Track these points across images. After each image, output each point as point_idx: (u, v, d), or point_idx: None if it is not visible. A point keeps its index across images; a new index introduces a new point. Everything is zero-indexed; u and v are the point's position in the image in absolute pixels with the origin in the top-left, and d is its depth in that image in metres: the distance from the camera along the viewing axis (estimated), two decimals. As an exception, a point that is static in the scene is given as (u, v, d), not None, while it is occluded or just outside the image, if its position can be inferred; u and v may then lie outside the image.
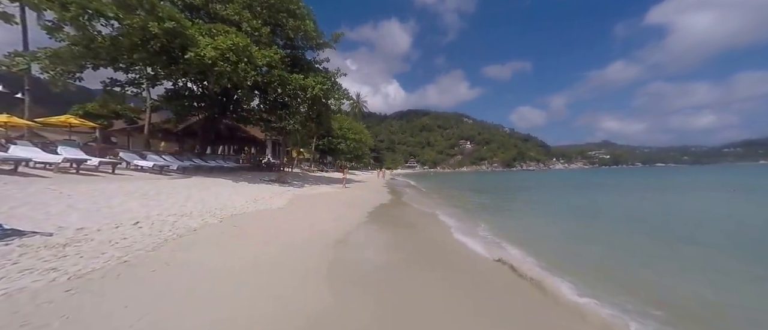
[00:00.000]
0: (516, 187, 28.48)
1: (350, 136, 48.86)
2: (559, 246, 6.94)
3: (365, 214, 8.87)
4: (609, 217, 11.17)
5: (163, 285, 3.03)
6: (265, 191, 11.22)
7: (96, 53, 11.20)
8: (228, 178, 13.38)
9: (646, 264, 5.61)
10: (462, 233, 7.19)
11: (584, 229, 8.86)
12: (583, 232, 8.41)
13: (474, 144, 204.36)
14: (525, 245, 6.26)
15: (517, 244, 6.39)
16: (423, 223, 8.47)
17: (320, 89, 16.90)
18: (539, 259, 5.37)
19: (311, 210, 8.66)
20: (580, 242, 7.37)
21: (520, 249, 6.04)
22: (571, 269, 4.88)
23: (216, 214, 6.46)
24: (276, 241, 5.11)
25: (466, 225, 8.48)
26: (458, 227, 7.96)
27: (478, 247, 6.08)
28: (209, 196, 8.45)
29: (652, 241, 7.44)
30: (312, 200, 10.82)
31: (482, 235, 7.28)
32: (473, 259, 5.34)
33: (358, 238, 5.93)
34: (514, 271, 4.72)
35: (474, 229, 7.99)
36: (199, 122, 18.97)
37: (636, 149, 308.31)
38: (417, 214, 10.09)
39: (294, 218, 7.22)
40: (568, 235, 8.02)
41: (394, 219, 8.74)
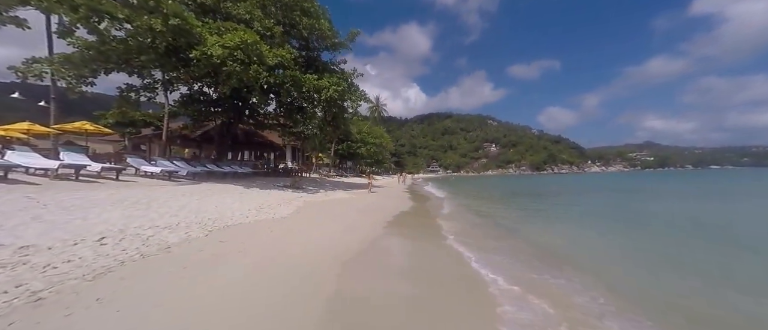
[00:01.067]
0: (553, 192, 26.13)
1: (370, 141, 48.08)
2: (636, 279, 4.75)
3: (382, 224, 7.68)
4: (682, 230, 8.95)
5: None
6: (274, 198, 10.38)
7: (107, 56, 10.98)
8: (239, 185, 12.74)
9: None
10: (502, 255, 5.81)
11: (659, 247, 7.02)
12: (661, 253, 6.50)
13: (499, 147, 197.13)
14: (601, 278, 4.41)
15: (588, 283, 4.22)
16: (454, 236, 7.14)
17: (335, 91, 16.07)
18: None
19: (320, 219, 7.62)
20: (659, 270, 5.33)
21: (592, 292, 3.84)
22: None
23: (206, 226, 5.56)
24: (264, 263, 4.05)
25: (503, 243, 7.06)
26: (495, 247, 6.57)
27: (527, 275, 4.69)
28: (210, 204, 7.65)
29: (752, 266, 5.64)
30: (324, 208, 9.82)
31: (526, 261, 5.84)
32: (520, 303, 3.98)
33: (371, 259, 4.75)
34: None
35: (515, 250, 6.57)
36: (216, 128, 18.76)
37: (685, 150, 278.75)
38: (444, 227, 8.76)
39: (297, 230, 6.18)
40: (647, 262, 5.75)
41: (416, 232, 7.48)
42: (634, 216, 12.05)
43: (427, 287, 3.70)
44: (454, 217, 10.37)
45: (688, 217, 11.51)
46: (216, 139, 18.73)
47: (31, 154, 7.79)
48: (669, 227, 9.32)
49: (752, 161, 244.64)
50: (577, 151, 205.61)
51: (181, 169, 11.85)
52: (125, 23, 10.94)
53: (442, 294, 3.59)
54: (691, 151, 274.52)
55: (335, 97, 16.32)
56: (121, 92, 13.94)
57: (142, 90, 14.06)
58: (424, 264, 4.79)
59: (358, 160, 51.28)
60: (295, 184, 15.70)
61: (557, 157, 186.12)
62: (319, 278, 3.64)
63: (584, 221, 10.64)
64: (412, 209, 11.65)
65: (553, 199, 19.60)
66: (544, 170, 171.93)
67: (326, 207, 10.13)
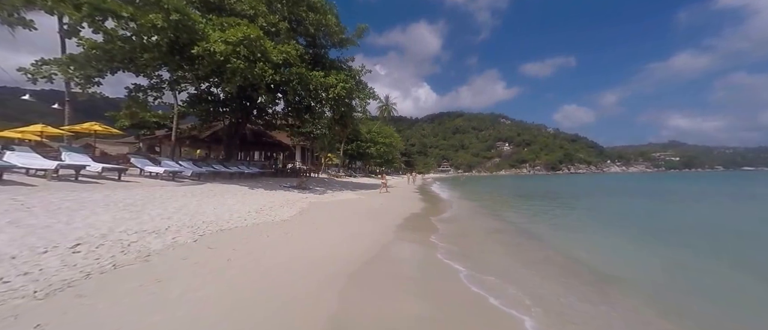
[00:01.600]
0: (574, 194, 24.94)
1: (380, 140, 47.58)
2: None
3: (392, 228, 7.11)
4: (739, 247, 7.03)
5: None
6: (278, 199, 9.98)
7: (111, 55, 10.83)
8: (245, 185, 12.43)
9: None
10: (526, 266, 5.16)
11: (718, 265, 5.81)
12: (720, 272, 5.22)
13: (513, 146, 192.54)
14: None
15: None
16: (470, 246, 6.51)
17: (343, 88, 15.62)
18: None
19: (323, 223, 7.11)
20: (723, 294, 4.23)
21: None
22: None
23: (198, 230, 5.14)
24: (251, 277, 3.56)
25: (526, 252, 6.38)
26: (516, 256, 5.91)
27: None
28: (209, 205, 7.28)
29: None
30: (329, 209, 9.33)
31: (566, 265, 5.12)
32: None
33: (379, 271, 4.19)
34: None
35: (538, 252, 5.89)
36: (224, 128, 18.64)
37: (714, 150, 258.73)
38: (459, 232, 8.12)
39: (296, 235, 5.69)
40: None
41: (428, 237, 6.88)
42: (676, 225, 10.15)
43: (444, 311, 3.11)
44: (469, 221, 9.70)
45: (743, 230, 9.17)
46: (224, 140, 18.60)
47: (31, 155, 7.63)
48: (719, 240, 7.68)
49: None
50: (596, 151, 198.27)
51: (185, 170, 11.63)
52: (130, 22, 10.78)
53: (462, 319, 2.99)
54: (721, 151, 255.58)
55: (343, 94, 15.87)
56: (129, 93, 13.89)
57: (150, 90, 13.96)
58: (440, 278, 4.20)
59: (368, 160, 50.89)
60: (301, 184, 15.33)
61: (574, 156, 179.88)
62: (314, 297, 3.11)
63: (620, 230, 9.54)
64: (424, 211, 11.02)
65: (575, 202, 18.59)
66: (560, 170, 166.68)
67: (332, 209, 9.64)
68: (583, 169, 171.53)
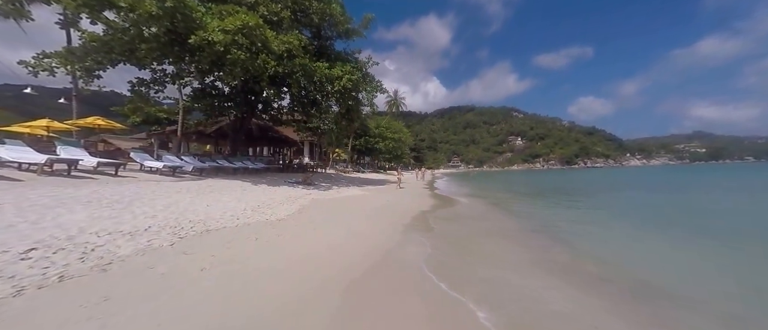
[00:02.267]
0: (591, 189, 23.64)
1: (389, 136, 46.84)
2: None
3: (399, 228, 6.46)
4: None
5: None
6: (279, 195, 9.47)
7: (110, 47, 10.50)
8: (247, 181, 12.01)
9: None
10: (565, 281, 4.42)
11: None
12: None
13: (526, 140, 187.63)
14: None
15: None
16: (489, 253, 5.79)
17: (349, 80, 14.99)
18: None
19: (322, 222, 6.53)
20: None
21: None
22: None
23: (181, 231, 4.63)
24: (222, 293, 2.97)
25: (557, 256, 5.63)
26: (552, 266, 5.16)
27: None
28: (202, 202, 6.80)
29: None
30: (331, 207, 8.76)
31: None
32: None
33: (383, 281, 3.56)
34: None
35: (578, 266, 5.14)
36: (230, 123, 18.32)
37: (744, 140, 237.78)
38: (477, 234, 7.40)
39: (290, 236, 5.12)
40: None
41: (443, 239, 6.21)
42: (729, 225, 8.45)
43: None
44: (486, 220, 8.95)
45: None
46: (229, 135, 18.29)
47: (22, 148, 7.35)
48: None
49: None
50: (614, 143, 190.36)
51: (186, 165, 11.28)
52: (129, 12, 10.41)
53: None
54: (753, 141, 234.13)
55: (349, 86, 15.25)
56: (132, 87, 13.64)
57: (153, 84, 13.67)
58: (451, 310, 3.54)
59: (376, 156, 50.29)
60: (306, 180, 14.85)
61: (591, 149, 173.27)
62: (296, 323, 2.50)
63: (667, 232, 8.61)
64: (435, 208, 10.33)
65: (597, 200, 17.48)
66: (576, 164, 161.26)
67: (335, 206, 9.07)
68: (601, 163, 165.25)
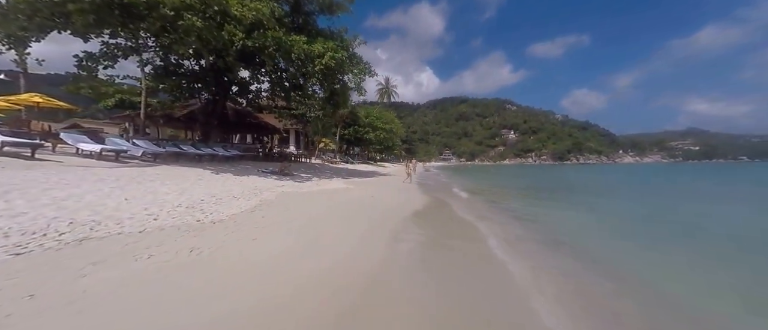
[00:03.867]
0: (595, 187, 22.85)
1: (379, 126, 45.32)
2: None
3: (384, 237, 5.09)
4: None
5: None
6: (241, 187, 8.05)
7: (35, 8, 8.72)
8: (210, 169, 10.51)
9: None
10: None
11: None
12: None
13: (518, 133, 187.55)
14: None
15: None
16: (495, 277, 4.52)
17: (331, 58, 13.47)
18: None
19: (278, 225, 5.17)
20: None
21: None
22: None
23: (46, 238, 3.22)
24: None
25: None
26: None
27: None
28: (126, 194, 5.34)
29: None
30: (301, 203, 7.39)
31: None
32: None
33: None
34: None
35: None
36: (200, 106, 16.60)
37: (739, 138, 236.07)
38: (488, 240, 6.14)
39: (206, 255, 3.75)
40: None
41: (447, 255, 4.94)
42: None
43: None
44: (490, 222, 7.73)
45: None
46: (200, 119, 16.60)
47: None
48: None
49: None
50: (608, 139, 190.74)
51: (135, 149, 9.69)
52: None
53: None
54: (747, 140, 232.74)
55: (332, 66, 13.74)
56: (78, 62, 11.79)
57: (102, 58, 11.85)
58: None
59: (366, 146, 48.81)
60: (283, 170, 13.40)
61: (584, 145, 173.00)
62: None
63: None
64: (428, 208, 9.03)
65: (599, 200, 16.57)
66: (568, 160, 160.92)
67: (307, 202, 7.71)
68: (593, 160, 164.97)
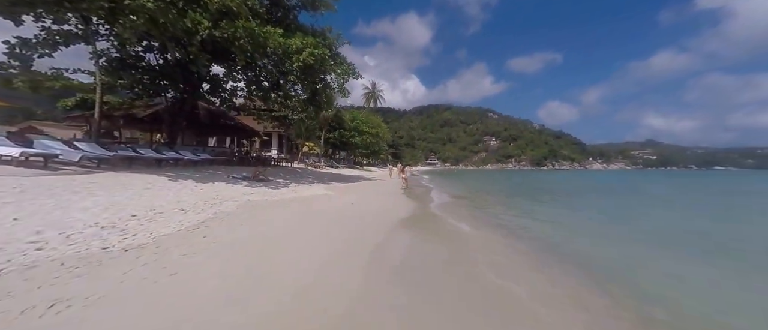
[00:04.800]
0: (578, 191, 22.67)
1: (365, 130, 44.28)
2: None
3: (361, 262, 4.03)
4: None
5: None
6: (198, 197, 6.77)
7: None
8: (167, 176, 9.11)
9: None
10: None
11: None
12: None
13: (500, 140, 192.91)
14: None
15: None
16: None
17: (311, 55, 12.38)
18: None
19: (222, 249, 3.99)
20: None
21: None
22: None
23: None
24: None
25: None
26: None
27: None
28: (21, 212, 4.02)
29: None
30: (266, 215, 6.20)
31: None
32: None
33: None
34: None
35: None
36: (166, 106, 15.00)
37: (687, 150, 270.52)
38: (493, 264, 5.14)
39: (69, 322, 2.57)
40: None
41: (444, 286, 3.88)
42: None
43: None
44: (489, 243, 6.78)
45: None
46: (165, 119, 14.98)
47: None
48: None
49: (756, 163, 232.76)
50: (579, 148, 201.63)
51: (72, 153, 8.19)
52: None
53: None
54: (694, 151, 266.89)
55: (311, 63, 12.63)
56: (9, 49, 10.12)
57: (40, 46, 10.24)
58: None
59: (352, 151, 47.61)
60: (257, 175, 12.09)
61: (558, 152, 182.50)
62: None
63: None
64: (415, 218, 8.02)
65: (586, 202, 16.17)
66: (545, 166, 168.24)
67: (274, 212, 6.53)
68: (567, 166, 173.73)
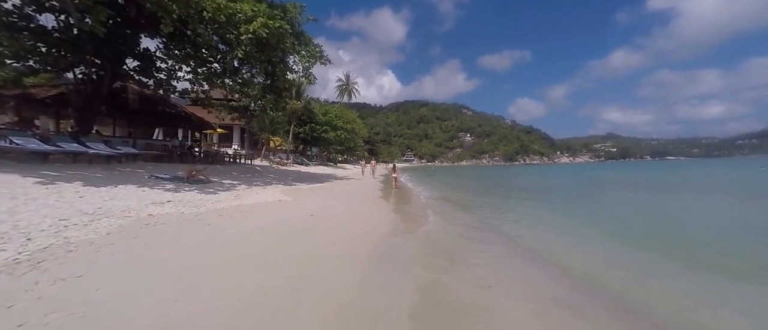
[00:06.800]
0: (556, 189, 21.81)
1: (340, 125, 41.66)
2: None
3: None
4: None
5: None
6: (59, 211, 4.25)
7: None
8: (43, 176, 6.36)
9: None
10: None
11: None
12: None
13: (474, 136, 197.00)
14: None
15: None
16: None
17: (264, 26, 9.95)
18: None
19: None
20: None
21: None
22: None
23: None
24: None
25: None
26: None
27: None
28: None
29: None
30: (154, 242, 3.85)
31: None
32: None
33: None
34: None
35: None
36: (75, 85, 11.74)
37: (643, 142, 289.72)
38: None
39: None
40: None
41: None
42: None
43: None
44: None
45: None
46: (74, 102, 11.74)
47: None
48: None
49: (701, 152, 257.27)
50: (548, 142, 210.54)
51: None
52: None
53: None
54: (649, 143, 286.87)
55: (264, 36, 10.18)
56: None
57: None
58: None
59: (326, 147, 44.83)
60: (192, 174, 9.45)
61: (529, 147, 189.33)
62: None
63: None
64: (395, 240, 5.96)
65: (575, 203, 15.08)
66: (517, 161, 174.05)
67: (172, 239, 4.18)
68: (537, 161, 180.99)
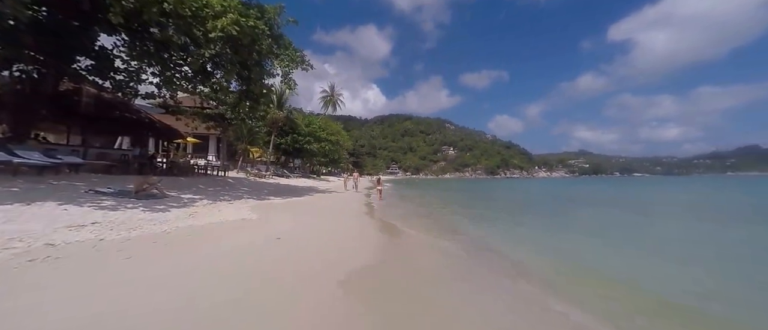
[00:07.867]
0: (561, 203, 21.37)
1: (323, 136, 40.42)
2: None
3: None
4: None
5: None
6: None
7: None
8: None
9: None
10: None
11: None
12: None
13: (457, 150, 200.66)
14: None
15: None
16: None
17: (234, 23, 8.96)
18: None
19: None
20: None
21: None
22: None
23: None
24: None
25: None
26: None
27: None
28: None
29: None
30: (30, 299, 2.60)
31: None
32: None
33: None
34: None
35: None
36: (11, 83, 10.12)
37: (612, 158, 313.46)
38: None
39: None
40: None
41: None
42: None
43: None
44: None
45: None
46: (9, 104, 10.10)
47: None
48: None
49: (663, 170, 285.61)
50: (527, 157, 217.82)
51: None
52: None
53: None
54: (617, 160, 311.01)
55: (234, 33, 9.15)
56: None
57: None
58: None
59: (309, 159, 43.31)
60: (142, 188, 8.04)
61: (509, 161, 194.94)
62: None
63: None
64: (380, 272, 4.88)
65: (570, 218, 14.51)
66: (498, 174, 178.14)
67: (56, 286, 2.95)
68: (517, 174, 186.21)
